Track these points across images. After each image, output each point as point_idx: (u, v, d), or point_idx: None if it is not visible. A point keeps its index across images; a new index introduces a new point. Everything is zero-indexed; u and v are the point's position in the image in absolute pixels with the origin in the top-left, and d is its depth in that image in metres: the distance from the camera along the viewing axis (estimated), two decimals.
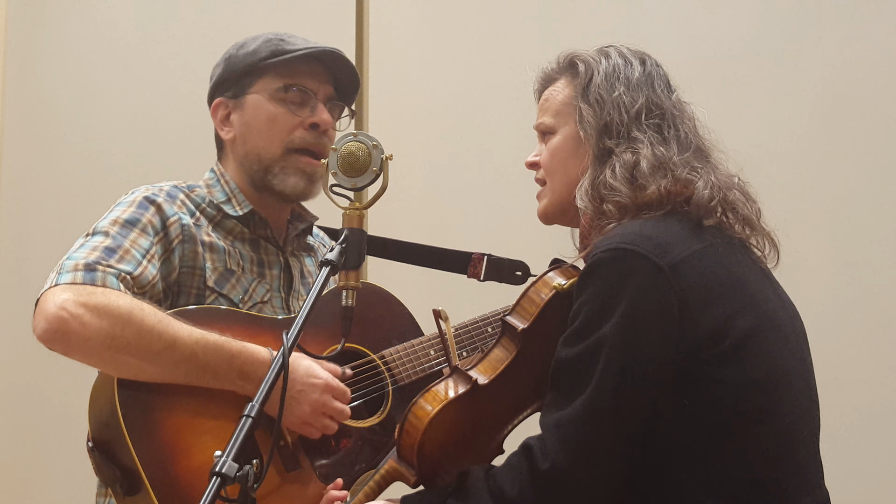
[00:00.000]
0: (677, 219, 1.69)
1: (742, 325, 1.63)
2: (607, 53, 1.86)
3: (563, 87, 1.87)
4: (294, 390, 1.85)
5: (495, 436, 1.79)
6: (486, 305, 2.12)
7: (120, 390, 1.81)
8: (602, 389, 1.57)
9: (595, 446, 1.57)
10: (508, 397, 1.76)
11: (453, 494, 1.65)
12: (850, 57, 2.97)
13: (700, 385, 1.60)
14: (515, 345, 1.76)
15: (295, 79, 2.11)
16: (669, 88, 1.84)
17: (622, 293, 1.59)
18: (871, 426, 2.83)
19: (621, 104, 1.78)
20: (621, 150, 1.75)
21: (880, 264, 2.88)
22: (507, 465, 1.63)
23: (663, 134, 1.77)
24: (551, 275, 1.80)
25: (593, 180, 1.75)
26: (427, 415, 1.70)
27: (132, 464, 1.78)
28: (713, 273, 1.65)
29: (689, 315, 1.59)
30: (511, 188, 3.14)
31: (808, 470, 1.68)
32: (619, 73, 1.81)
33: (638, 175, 1.71)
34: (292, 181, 2.08)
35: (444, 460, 1.73)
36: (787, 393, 1.67)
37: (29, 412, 3.47)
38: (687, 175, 1.72)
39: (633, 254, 1.61)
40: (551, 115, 1.88)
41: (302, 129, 2.09)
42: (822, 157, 2.95)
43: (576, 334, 1.62)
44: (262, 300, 2.07)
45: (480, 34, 3.28)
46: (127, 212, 1.98)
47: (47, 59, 3.56)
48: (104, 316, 1.79)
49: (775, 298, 1.76)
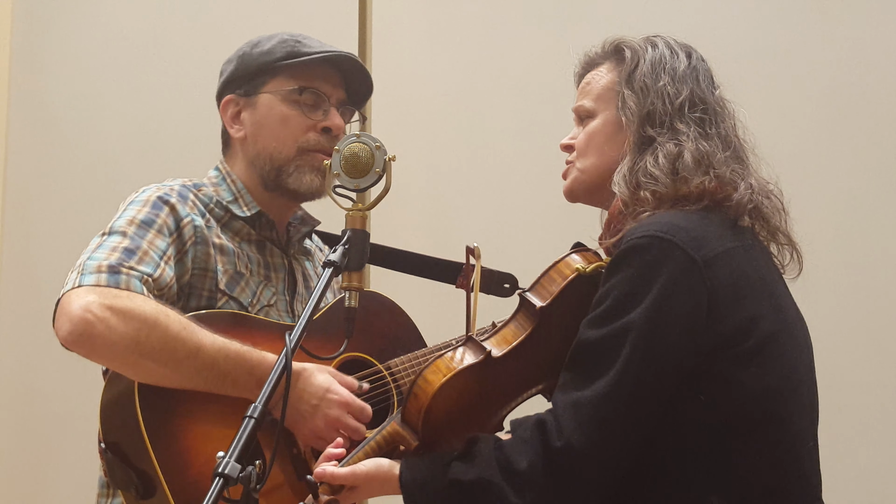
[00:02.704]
0: (713, 215, 1.69)
1: (765, 328, 1.63)
2: (654, 43, 1.85)
3: (607, 73, 1.86)
4: (309, 404, 1.84)
5: (499, 411, 1.77)
6: (493, 315, 2.11)
7: (140, 395, 1.79)
8: (624, 374, 1.57)
9: (611, 430, 1.57)
10: (518, 373, 1.75)
11: (459, 458, 1.63)
12: (854, 57, 2.98)
13: (717, 383, 1.60)
14: (531, 322, 1.75)
15: (309, 81, 2.09)
16: (713, 84, 1.84)
17: (654, 281, 1.58)
18: (873, 430, 2.86)
19: (665, 94, 1.77)
20: (664, 139, 1.74)
21: (885, 266, 2.90)
22: (519, 438, 1.61)
23: (705, 129, 1.76)
24: (575, 257, 1.79)
25: (632, 166, 1.74)
26: (438, 380, 1.68)
27: (150, 468, 1.76)
28: (743, 273, 1.65)
29: (716, 311, 1.60)
30: (514, 189, 3.15)
31: (810, 481, 1.69)
32: (666, 63, 1.81)
33: (680, 167, 1.70)
34: (308, 178, 2.07)
35: (446, 429, 1.71)
36: (798, 401, 1.68)
37: (31, 412, 3.45)
38: (729, 175, 1.72)
39: (669, 243, 1.60)
40: (592, 99, 1.86)
41: (314, 133, 2.08)
42: (824, 157, 2.96)
43: (603, 316, 1.61)
44: (269, 303, 2.05)
45: (484, 34, 3.28)
46: (142, 212, 1.95)
47: (53, 62, 3.55)
48: (130, 320, 1.77)
49: (792, 307, 1.77)
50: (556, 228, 1.94)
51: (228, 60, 2.17)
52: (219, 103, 2.16)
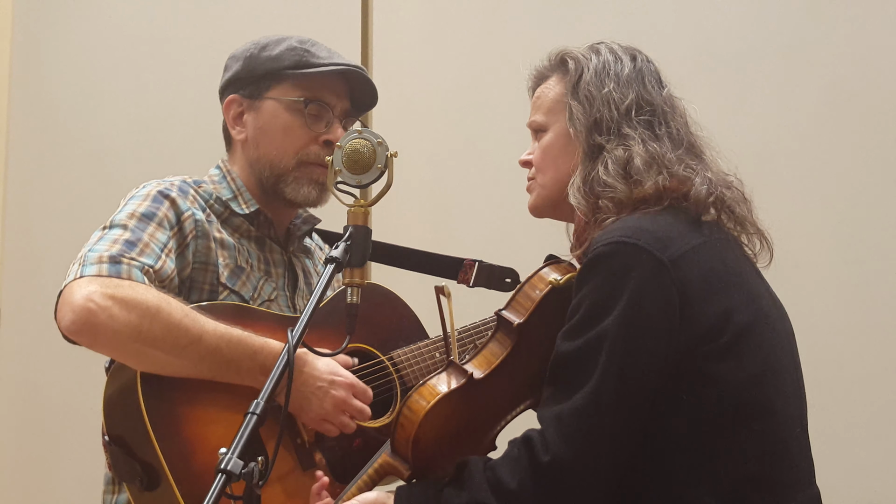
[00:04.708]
0: (676, 214, 1.70)
1: (739, 321, 1.64)
2: (597, 50, 1.86)
3: (555, 85, 1.87)
4: (315, 386, 1.86)
5: (489, 431, 1.78)
6: (488, 310, 2.11)
7: (143, 385, 1.79)
8: (604, 383, 1.57)
9: (596, 440, 1.57)
10: (503, 392, 1.76)
11: (450, 484, 1.63)
12: (854, 56, 2.98)
13: (698, 380, 1.61)
14: (511, 340, 1.75)
15: (315, 93, 2.10)
16: (661, 84, 1.85)
17: (624, 287, 1.59)
18: (869, 425, 2.85)
19: (611, 100, 1.78)
20: (612, 146, 1.75)
21: (883, 264, 2.90)
22: (507, 457, 1.61)
23: (654, 130, 1.77)
24: (547, 270, 1.80)
25: (585, 177, 1.75)
26: (422, 409, 1.69)
27: (154, 458, 1.76)
28: (712, 268, 1.66)
29: (689, 309, 1.60)
30: (515, 186, 3.10)
31: (800, 468, 1.69)
32: (609, 70, 1.81)
33: (632, 171, 1.71)
34: (305, 191, 2.09)
35: (437, 455, 1.72)
36: (780, 389, 1.68)
37: (36, 408, 3.44)
38: (683, 172, 1.73)
39: (635, 247, 1.61)
40: (543, 113, 1.88)
41: (315, 145, 2.10)
42: (824, 156, 2.96)
43: (577, 328, 1.62)
44: (270, 298, 2.07)
45: (485, 32, 3.29)
46: (143, 205, 1.97)
47: (53, 58, 3.55)
48: (132, 309, 1.78)
49: (767, 296, 1.77)
50: (556, 225, 1.94)
51: (234, 57, 2.17)
52: (221, 99, 2.17)
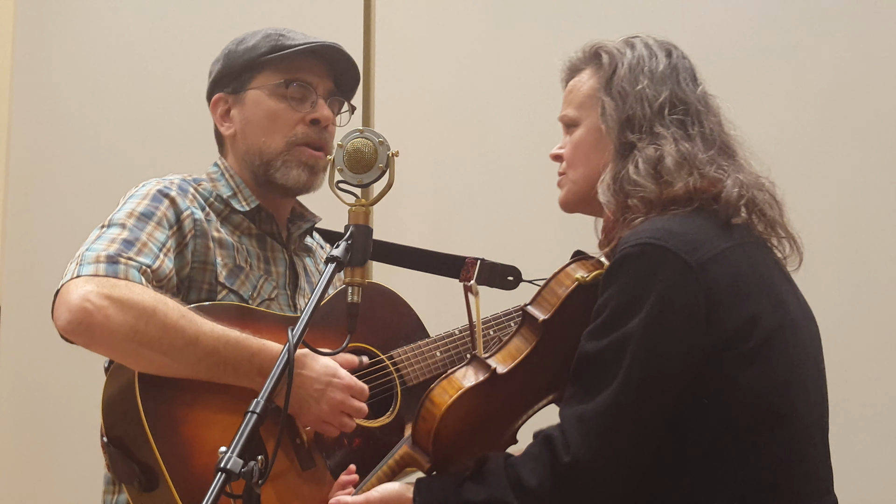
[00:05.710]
0: (706, 216, 1.68)
1: (766, 326, 1.63)
2: (632, 44, 1.83)
3: (588, 79, 1.85)
4: (313, 388, 1.84)
5: (510, 426, 1.78)
6: (495, 307, 2.12)
7: (141, 385, 1.79)
8: (627, 385, 1.57)
9: (618, 441, 1.57)
10: (525, 388, 1.76)
11: (471, 478, 1.64)
12: (857, 55, 2.96)
13: (721, 385, 1.60)
14: (535, 335, 1.75)
15: (295, 74, 2.10)
16: (695, 82, 1.82)
17: (650, 289, 1.58)
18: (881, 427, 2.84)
19: (644, 97, 1.76)
20: (643, 144, 1.73)
21: (886, 264, 2.88)
22: (528, 455, 1.62)
23: (687, 130, 1.75)
24: (574, 266, 1.79)
25: (615, 175, 1.73)
26: (445, 402, 1.69)
27: (153, 459, 1.76)
28: (740, 272, 1.64)
29: (715, 314, 1.59)
30: (517, 185, 3.15)
31: (818, 476, 1.68)
32: (644, 66, 1.79)
33: (662, 171, 1.69)
34: (294, 174, 2.08)
35: (458, 448, 1.73)
36: (803, 397, 1.67)
37: (36, 408, 3.47)
38: (714, 173, 1.71)
39: (663, 250, 1.60)
40: (575, 108, 1.86)
41: (303, 125, 2.09)
42: (828, 156, 2.95)
43: (602, 328, 1.61)
44: (270, 297, 2.06)
45: (487, 31, 3.27)
46: (141, 204, 1.96)
47: (55, 55, 3.56)
48: (128, 309, 1.77)
49: (795, 301, 1.76)
50: (558, 223, 1.93)
51: (216, 60, 2.18)
52: (209, 103, 2.17)
